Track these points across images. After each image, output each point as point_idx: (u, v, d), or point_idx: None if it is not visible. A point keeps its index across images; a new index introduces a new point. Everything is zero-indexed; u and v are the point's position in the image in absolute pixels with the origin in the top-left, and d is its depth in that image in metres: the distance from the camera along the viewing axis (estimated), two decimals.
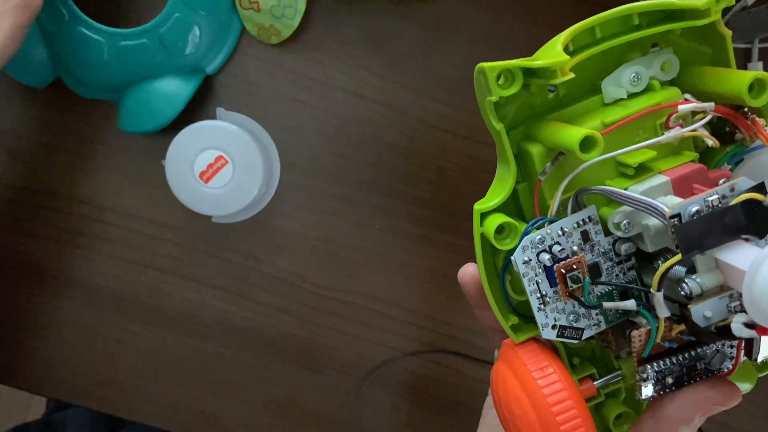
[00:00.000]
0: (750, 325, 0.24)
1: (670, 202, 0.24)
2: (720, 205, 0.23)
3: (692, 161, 0.27)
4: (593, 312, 0.27)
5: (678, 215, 0.23)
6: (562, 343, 0.29)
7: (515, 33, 0.48)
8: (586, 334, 0.27)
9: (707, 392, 0.27)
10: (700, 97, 0.27)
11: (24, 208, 0.49)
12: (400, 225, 0.49)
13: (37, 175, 0.48)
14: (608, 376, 0.29)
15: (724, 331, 0.25)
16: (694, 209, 0.23)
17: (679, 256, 0.23)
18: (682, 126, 0.26)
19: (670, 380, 0.27)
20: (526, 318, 0.29)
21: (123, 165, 0.48)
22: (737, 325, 0.24)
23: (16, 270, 0.49)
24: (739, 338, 0.24)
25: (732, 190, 0.24)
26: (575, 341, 0.27)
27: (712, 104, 0.26)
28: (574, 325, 0.27)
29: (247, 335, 0.49)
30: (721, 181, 0.25)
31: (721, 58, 0.29)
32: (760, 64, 0.46)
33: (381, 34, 0.48)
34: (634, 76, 0.27)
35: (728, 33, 0.28)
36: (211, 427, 0.50)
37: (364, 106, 0.48)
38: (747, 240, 0.24)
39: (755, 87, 0.26)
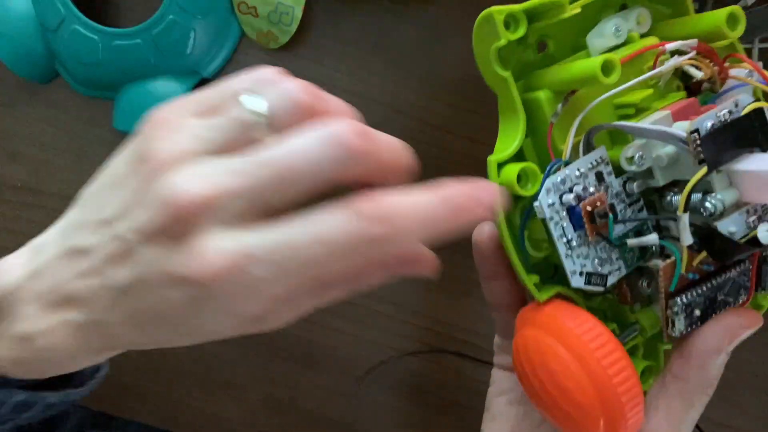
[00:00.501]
0: None
1: (681, 127, 0.25)
2: (728, 119, 0.25)
3: (682, 99, 0.28)
4: (614, 256, 0.27)
5: (696, 130, 0.24)
6: (582, 297, 0.29)
7: None
8: (610, 280, 0.27)
9: (731, 318, 0.28)
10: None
11: (23, 208, 0.49)
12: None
13: (36, 175, 0.49)
14: (628, 330, 0.29)
15: (751, 244, 0.26)
16: (709, 123, 0.24)
17: (704, 170, 0.24)
18: None
19: (697, 313, 0.27)
20: (545, 278, 0.29)
21: None
22: (764, 233, 0.25)
23: None
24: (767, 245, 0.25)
25: (736, 105, 0.25)
26: (601, 288, 0.27)
27: (695, 41, 0.28)
28: (599, 270, 0.27)
29: (247, 335, 0.49)
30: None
31: (680, 14, 0.31)
32: (760, 64, 0.46)
33: (381, 34, 0.48)
34: (615, 29, 0.29)
35: None
36: (210, 426, 0.50)
37: (364, 106, 0.48)
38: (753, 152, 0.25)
39: (730, 20, 0.28)
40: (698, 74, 0.28)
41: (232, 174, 0.23)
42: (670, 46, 0.28)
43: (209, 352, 0.49)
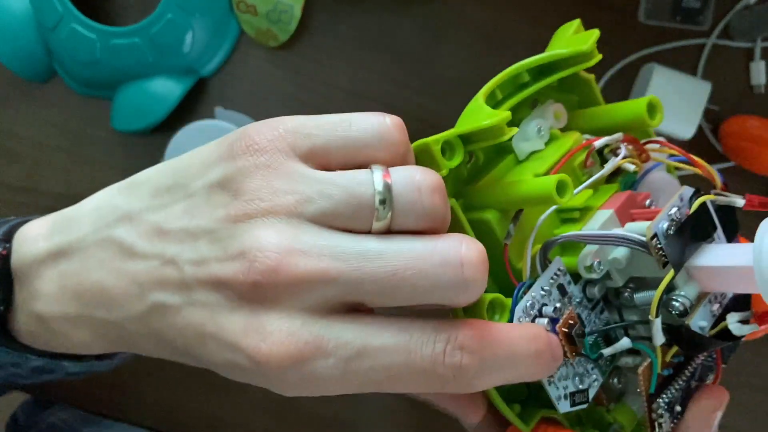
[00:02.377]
0: (745, 321, 0.25)
1: (635, 229, 0.25)
2: (680, 216, 0.24)
3: (616, 192, 0.28)
4: (589, 367, 0.26)
5: (655, 235, 0.24)
6: (564, 415, 0.28)
7: (515, 32, 0.48)
8: (591, 394, 0.26)
9: (703, 404, 0.27)
10: (596, 134, 0.29)
11: (21, 208, 0.48)
12: None
13: (34, 174, 0.48)
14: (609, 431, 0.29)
15: (722, 336, 0.25)
16: (665, 225, 0.24)
17: (671, 274, 0.24)
18: (593, 164, 0.28)
19: (678, 408, 0.27)
20: (519, 401, 0.28)
21: (121, 165, 0.48)
22: (735, 325, 0.25)
23: None
24: (740, 337, 0.25)
25: (681, 199, 0.25)
26: (585, 405, 0.26)
27: (620, 134, 0.28)
28: (580, 387, 0.26)
29: None
30: (647, 202, 0.28)
31: (588, 101, 0.31)
32: (762, 63, 0.46)
33: (381, 34, 0.48)
34: (537, 129, 0.28)
35: (591, 77, 0.31)
36: (209, 427, 0.50)
37: (364, 106, 0.48)
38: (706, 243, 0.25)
39: (650, 109, 0.28)
40: (632, 168, 0.28)
41: (333, 258, 0.20)
42: (599, 142, 0.28)
43: None
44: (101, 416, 0.48)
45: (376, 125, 0.22)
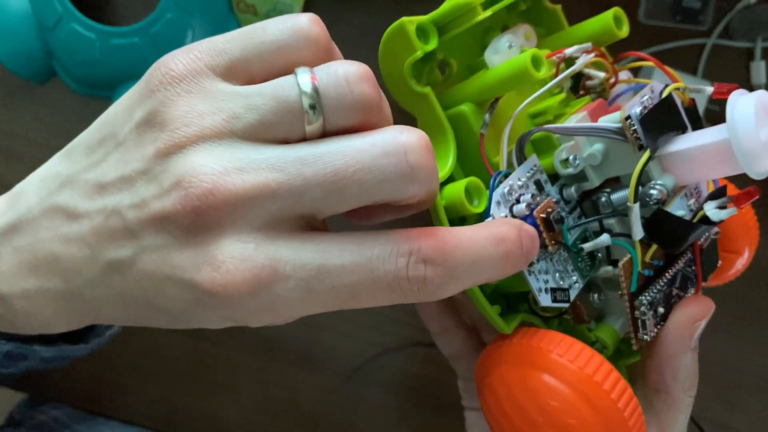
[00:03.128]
0: (722, 207, 0.25)
1: (609, 120, 0.25)
2: (651, 104, 0.25)
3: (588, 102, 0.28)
4: (569, 267, 0.26)
5: (629, 117, 0.24)
6: (541, 322, 0.28)
7: None
8: (572, 294, 0.26)
9: (686, 312, 0.27)
10: None
11: None
12: (397, 221, 0.49)
13: None
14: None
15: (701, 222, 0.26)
16: (638, 109, 0.24)
17: (648, 154, 0.24)
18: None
19: (661, 310, 0.27)
20: (503, 307, 0.28)
21: None
22: (712, 211, 0.25)
23: None
24: (719, 222, 0.25)
25: (652, 91, 0.25)
26: (566, 304, 0.26)
27: (589, 44, 0.28)
28: (561, 285, 0.26)
29: (245, 336, 0.49)
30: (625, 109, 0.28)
31: (557, 31, 0.31)
32: (763, 63, 0.46)
33: (381, 34, 0.47)
34: (509, 44, 0.28)
35: (558, 7, 0.31)
36: (207, 427, 0.50)
37: None
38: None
39: (616, 21, 0.29)
40: (600, 75, 0.28)
41: (271, 169, 0.20)
42: (569, 51, 0.28)
43: (206, 353, 0.49)
44: (98, 415, 0.48)
45: (290, 25, 0.22)
